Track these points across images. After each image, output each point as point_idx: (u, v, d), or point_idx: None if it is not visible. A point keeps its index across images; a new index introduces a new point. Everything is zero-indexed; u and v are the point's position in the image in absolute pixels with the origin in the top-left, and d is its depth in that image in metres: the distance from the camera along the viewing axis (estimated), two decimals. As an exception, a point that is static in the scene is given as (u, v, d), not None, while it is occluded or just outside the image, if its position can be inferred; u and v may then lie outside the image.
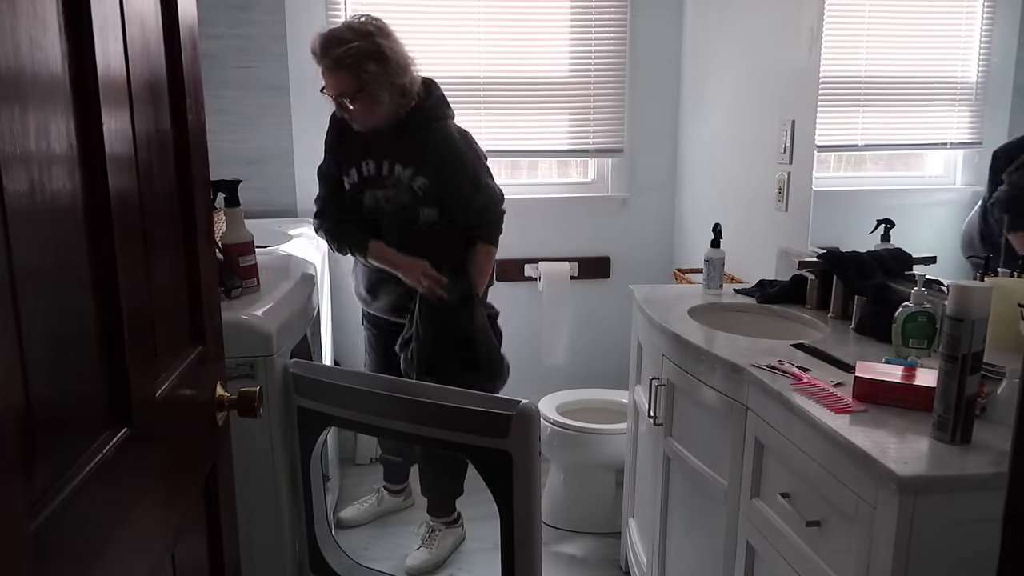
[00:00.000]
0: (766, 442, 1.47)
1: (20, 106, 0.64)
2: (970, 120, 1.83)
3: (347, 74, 2.09)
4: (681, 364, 1.80)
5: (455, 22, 3.05)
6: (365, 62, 2.08)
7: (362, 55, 2.07)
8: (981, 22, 1.77)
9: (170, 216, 1.05)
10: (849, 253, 1.94)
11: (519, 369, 3.29)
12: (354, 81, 2.10)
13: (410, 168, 2.20)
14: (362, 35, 2.09)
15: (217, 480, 1.20)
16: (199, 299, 1.13)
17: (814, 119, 2.18)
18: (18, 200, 0.63)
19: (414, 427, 1.73)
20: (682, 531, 1.89)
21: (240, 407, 1.20)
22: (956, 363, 1.15)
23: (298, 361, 1.89)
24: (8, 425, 0.59)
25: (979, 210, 1.72)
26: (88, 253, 0.77)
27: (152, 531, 0.93)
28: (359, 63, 2.08)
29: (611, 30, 3.14)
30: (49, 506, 0.67)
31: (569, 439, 2.62)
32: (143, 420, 0.87)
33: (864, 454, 1.14)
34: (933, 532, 1.10)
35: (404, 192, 2.22)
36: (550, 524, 2.71)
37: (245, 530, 1.38)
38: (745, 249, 2.57)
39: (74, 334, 0.75)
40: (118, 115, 0.84)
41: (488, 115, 3.12)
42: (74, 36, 0.74)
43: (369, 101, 2.13)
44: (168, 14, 1.03)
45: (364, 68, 2.08)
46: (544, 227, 3.27)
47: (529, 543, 1.68)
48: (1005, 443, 1.02)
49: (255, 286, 1.97)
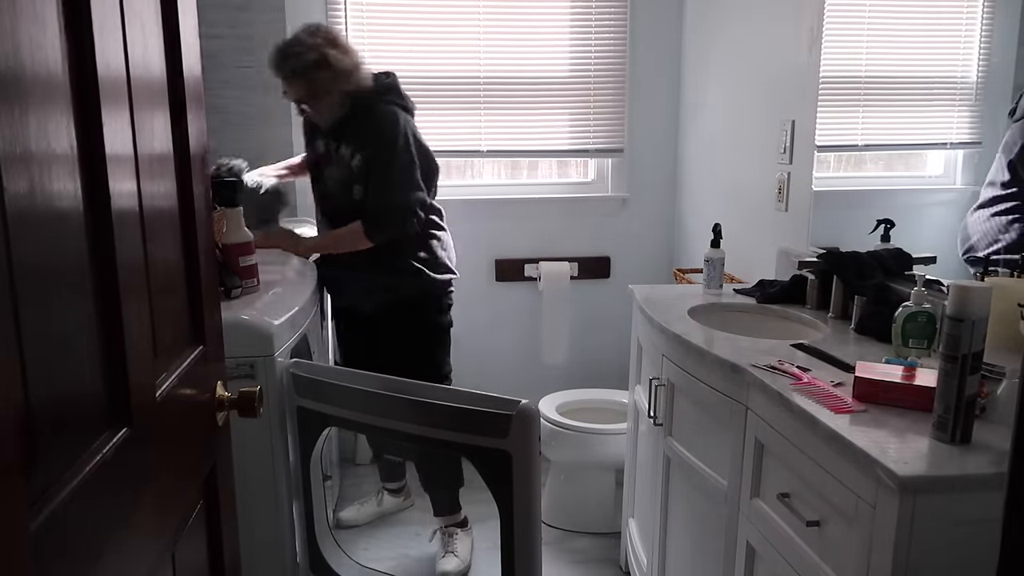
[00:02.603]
0: (766, 442, 1.47)
1: (20, 106, 0.64)
2: (970, 120, 1.83)
3: (300, 82, 2.26)
4: (681, 364, 1.80)
5: (455, 22, 3.05)
6: (314, 71, 2.23)
7: (312, 65, 2.23)
8: (981, 22, 1.77)
9: (170, 216, 1.05)
10: (849, 253, 1.94)
11: (519, 369, 3.32)
12: (307, 88, 2.27)
13: (350, 147, 2.32)
14: (310, 47, 2.24)
15: (217, 480, 1.19)
16: (199, 299, 1.13)
17: (814, 119, 2.18)
18: (18, 200, 0.63)
19: (414, 427, 1.73)
20: (682, 531, 1.89)
21: (240, 407, 1.20)
22: (956, 363, 1.15)
23: (298, 361, 1.89)
24: (8, 425, 0.59)
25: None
26: (88, 253, 0.77)
27: (152, 531, 0.93)
28: (308, 73, 2.23)
29: (611, 30, 3.14)
30: (49, 506, 0.67)
31: (569, 439, 2.62)
32: (143, 420, 0.87)
33: (864, 454, 1.14)
34: (933, 532, 1.10)
35: (344, 169, 2.34)
36: (550, 524, 2.71)
37: (245, 530, 1.38)
38: (745, 249, 2.57)
39: (74, 334, 0.75)
40: (118, 115, 0.84)
41: (488, 115, 3.12)
42: (74, 36, 0.74)
43: (322, 103, 2.30)
44: (168, 14, 1.03)
45: (314, 77, 2.24)
46: (544, 227, 3.27)
47: (529, 543, 1.68)
48: (1005, 443, 1.02)
49: (255, 286, 1.97)
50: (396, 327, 2.42)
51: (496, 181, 3.31)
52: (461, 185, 3.25)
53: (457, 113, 3.11)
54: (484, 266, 3.25)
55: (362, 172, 2.30)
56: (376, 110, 2.30)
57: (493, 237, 3.23)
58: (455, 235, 2.57)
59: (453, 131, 3.11)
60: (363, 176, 2.31)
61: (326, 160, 2.39)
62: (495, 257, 3.25)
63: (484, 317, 3.26)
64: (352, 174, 2.31)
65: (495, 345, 3.30)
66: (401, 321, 2.41)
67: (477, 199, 3.20)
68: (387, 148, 2.29)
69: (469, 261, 3.17)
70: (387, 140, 2.28)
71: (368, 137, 2.29)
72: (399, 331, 2.42)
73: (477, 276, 3.23)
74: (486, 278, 3.26)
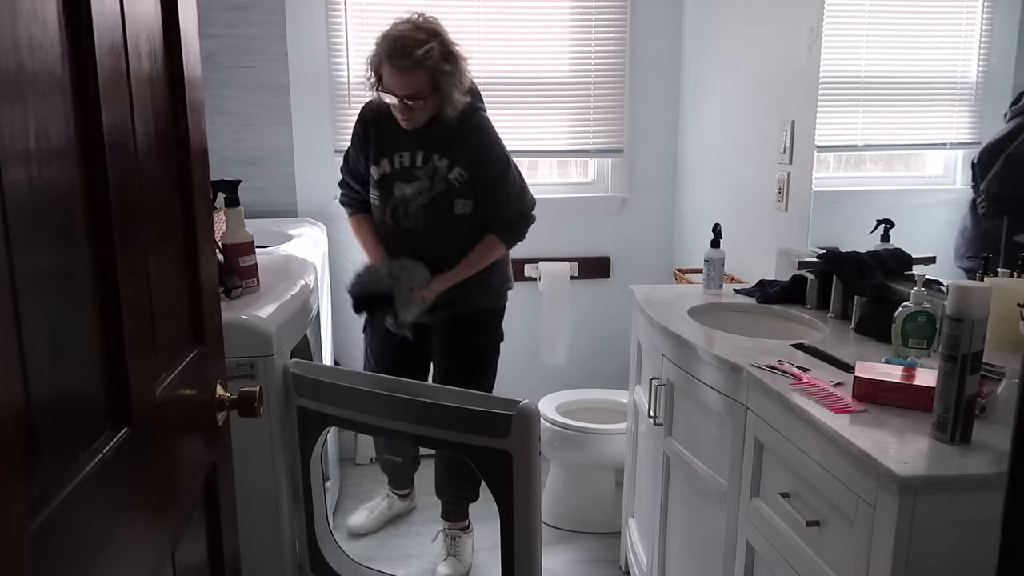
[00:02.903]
0: (766, 442, 1.47)
1: (20, 105, 0.64)
2: (970, 120, 1.83)
3: (424, 74, 2.09)
4: (681, 364, 1.80)
5: (455, 22, 3.02)
6: (441, 63, 2.09)
7: (439, 56, 2.09)
8: (981, 22, 1.77)
9: (170, 216, 1.05)
10: (849, 253, 1.94)
11: (519, 369, 3.31)
12: (430, 81, 2.10)
13: (447, 159, 2.19)
14: (433, 34, 2.11)
15: (217, 480, 1.20)
16: (199, 299, 1.13)
17: (814, 119, 2.18)
18: (18, 200, 0.63)
19: (414, 427, 1.73)
20: (682, 531, 1.89)
21: (240, 407, 1.20)
22: (956, 363, 1.15)
23: (298, 361, 1.89)
24: (8, 425, 0.59)
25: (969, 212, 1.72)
26: (88, 253, 0.77)
27: (152, 531, 0.93)
28: (437, 64, 2.09)
29: (611, 30, 3.14)
30: (49, 506, 0.67)
31: (569, 439, 2.62)
32: (143, 420, 0.87)
33: (864, 454, 1.14)
34: (933, 532, 1.10)
35: (440, 183, 2.20)
36: (550, 524, 2.71)
37: (245, 530, 1.38)
38: (745, 249, 2.57)
39: (74, 334, 0.75)
40: (118, 115, 0.84)
41: (488, 115, 3.11)
42: (74, 36, 0.74)
43: (439, 100, 2.14)
44: (168, 14, 1.03)
45: (440, 69, 2.09)
46: (544, 227, 3.24)
47: (529, 543, 1.68)
48: (1005, 443, 1.02)
49: (255, 286, 1.97)
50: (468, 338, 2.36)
51: (496, 181, 3.30)
52: (461, 185, 3.25)
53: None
54: (484, 266, 3.24)
55: (466, 185, 2.19)
56: (474, 119, 2.21)
57: (493, 237, 3.23)
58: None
59: (453, 131, 3.11)
60: (467, 189, 2.20)
61: (405, 176, 2.23)
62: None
63: (484, 317, 3.26)
64: (452, 188, 2.19)
65: (495, 345, 3.30)
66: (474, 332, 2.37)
67: (477, 199, 3.20)
68: (499, 158, 2.21)
69: (469, 261, 3.18)
70: (496, 150, 2.21)
71: (471, 148, 2.19)
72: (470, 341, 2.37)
73: (477, 276, 3.23)
74: (486, 278, 3.25)
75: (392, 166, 2.24)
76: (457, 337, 2.38)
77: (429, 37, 2.09)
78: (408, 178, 2.22)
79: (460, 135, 2.18)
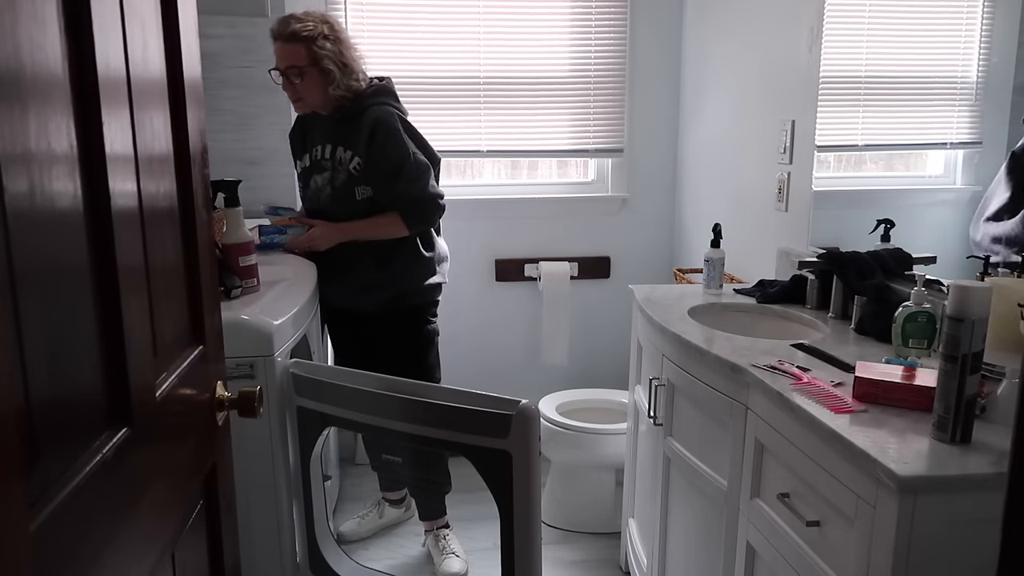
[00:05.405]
0: (766, 442, 1.47)
1: (20, 106, 0.64)
2: (970, 120, 1.82)
3: (302, 46, 2.22)
4: (681, 364, 1.80)
5: (455, 22, 3.05)
6: (321, 39, 2.22)
7: (317, 32, 2.22)
8: (981, 22, 1.77)
9: (170, 216, 1.05)
10: (849, 253, 1.94)
11: (519, 369, 3.31)
12: (307, 54, 2.22)
13: (350, 150, 2.32)
14: (322, 20, 2.26)
15: (217, 480, 1.19)
16: (199, 299, 1.13)
17: (814, 119, 2.18)
18: (18, 200, 0.63)
19: (414, 427, 1.73)
20: (682, 531, 1.89)
21: (240, 407, 1.20)
22: (956, 363, 1.15)
23: (298, 361, 1.89)
24: (8, 425, 0.59)
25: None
26: (88, 253, 0.77)
27: (152, 531, 0.93)
28: (313, 38, 2.22)
29: (611, 30, 3.14)
30: (49, 506, 0.66)
31: (569, 439, 2.62)
32: (143, 420, 0.87)
33: (864, 454, 1.14)
34: (933, 532, 1.10)
35: (342, 173, 2.33)
36: (550, 524, 2.71)
37: (245, 530, 1.38)
38: (745, 249, 2.57)
39: (74, 334, 0.75)
40: (118, 115, 0.84)
41: (488, 115, 3.12)
42: (74, 36, 0.74)
43: (317, 77, 2.25)
44: (168, 14, 1.03)
45: (318, 43, 2.22)
46: (544, 227, 3.27)
47: (529, 543, 1.68)
48: (1005, 443, 1.02)
49: (255, 286, 1.98)
50: (390, 331, 2.41)
51: (496, 181, 3.31)
52: (461, 185, 3.25)
53: (457, 113, 3.11)
54: (484, 266, 3.25)
55: (364, 173, 2.30)
56: (372, 111, 2.30)
57: (493, 237, 3.23)
58: (455, 235, 2.56)
59: (453, 131, 3.11)
60: (365, 177, 2.30)
61: (317, 168, 2.38)
62: (495, 257, 3.25)
63: (484, 317, 3.27)
64: (352, 176, 2.31)
65: (495, 345, 3.30)
66: (395, 324, 2.41)
67: (477, 199, 3.20)
68: (397, 145, 2.28)
69: (469, 261, 3.18)
70: (394, 138, 2.28)
71: (369, 137, 2.28)
72: (393, 335, 2.42)
73: (477, 276, 3.23)
74: (486, 278, 3.26)
75: (311, 159, 2.41)
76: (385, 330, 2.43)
77: (317, 21, 2.24)
78: (319, 169, 2.39)
79: (360, 126, 2.30)
